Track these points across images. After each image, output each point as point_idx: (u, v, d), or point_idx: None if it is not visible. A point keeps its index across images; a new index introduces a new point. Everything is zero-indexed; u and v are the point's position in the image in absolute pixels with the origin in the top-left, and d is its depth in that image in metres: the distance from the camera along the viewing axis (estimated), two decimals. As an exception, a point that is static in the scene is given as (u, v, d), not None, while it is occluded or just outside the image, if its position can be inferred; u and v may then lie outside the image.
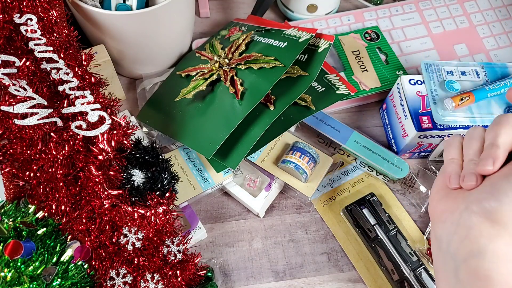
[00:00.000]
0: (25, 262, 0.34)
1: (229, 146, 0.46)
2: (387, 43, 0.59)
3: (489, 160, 0.32)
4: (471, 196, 0.32)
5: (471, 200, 0.31)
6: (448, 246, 0.32)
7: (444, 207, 0.34)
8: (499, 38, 0.61)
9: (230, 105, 0.47)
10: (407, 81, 0.49)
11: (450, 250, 0.32)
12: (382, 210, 0.48)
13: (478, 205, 0.31)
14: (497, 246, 0.30)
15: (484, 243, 0.30)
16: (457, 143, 0.36)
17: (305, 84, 0.47)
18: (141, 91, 0.56)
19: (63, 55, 0.43)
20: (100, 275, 0.37)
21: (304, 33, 0.49)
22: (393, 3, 0.65)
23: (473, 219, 0.31)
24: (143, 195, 0.39)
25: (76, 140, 0.39)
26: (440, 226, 0.34)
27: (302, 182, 0.48)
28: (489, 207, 0.30)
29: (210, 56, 0.53)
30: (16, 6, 0.44)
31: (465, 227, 0.31)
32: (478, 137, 0.34)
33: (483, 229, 0.30)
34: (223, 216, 0.49)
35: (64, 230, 0.38)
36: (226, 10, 0.66)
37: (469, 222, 0.31)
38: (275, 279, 0.46)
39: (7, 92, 0.39)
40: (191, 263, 0.40)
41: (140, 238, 0.38)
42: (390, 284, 0.45)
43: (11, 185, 0.39)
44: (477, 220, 0.31)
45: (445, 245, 0.33)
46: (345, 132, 0.52)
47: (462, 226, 0.31)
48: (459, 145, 0.36)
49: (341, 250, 0.48)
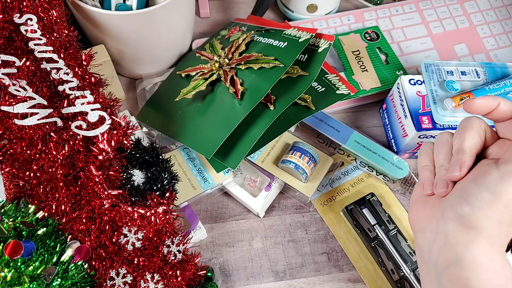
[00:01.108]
0: (25, 262, 0.34)
1: (229, 146, 0.46)
2: (387, 43, 0.59)
3: (457, 167, 0.32)
4: (445, 203, 0.32)
5: (445, 207, 0.32)
6: (430, 255, 0.32)
7: (422, 215, 0.34)
8: (499, 38, 0.61)
9: (230, 105, 0.47)
10: (407, 81, 0.49)
11: (431, 259, 0.32)
12: (382, 210, 0.48)
13: (452, 211, 0.31)
14: (474, 253, 0.30)
15: (461, 251, 0.30)
16: (428, 150, 0.36)
17: (305, 84, 0.47)
18: (141, 91, 0.56)
19: (63, 55, 0.43)
20: (100, 275, 0.37)
21: (304, 33, 0.49)
22: (393, 3, 0.65)
23: (449, 226, 0.31)
24: (143, 195, 0.39)
25: (76, 140, 0.39)
26: (420, 236, 0.34)
27: (302, 182, 0.48)
28: (462, 212, 0.30)
29: (210, 56, 0.53)
30: (16, 6, 0.44)
31: (443, 234, 0.31)
32: (446, 142, 0.35)
33: (458, 235, 0.30)
34: (223, 216, 0.49)
35: (64, 230, 0.38)
36: (226, 10, 0.66)
37: (446, 229, 0.31)
38: (275, 279, 0.46)
39: (7, 92, 0.39)
40: (191, 263, 0.40)
41: (140, 238, 0.38)
42: (390, 284, 0.45)
43: (11, 185, 0.39)
44: (453, 227, 0.31)
45: (427, 254, 0.33)
46: (345, 132, 0.52)
47: (440, 234, 0.32)
48: (430, 152, 0.36)
49: (341, 250, 0.48)
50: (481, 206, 0.29)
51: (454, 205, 0.31)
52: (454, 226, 0.31)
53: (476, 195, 0.30)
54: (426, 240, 0.33)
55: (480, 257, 0.30)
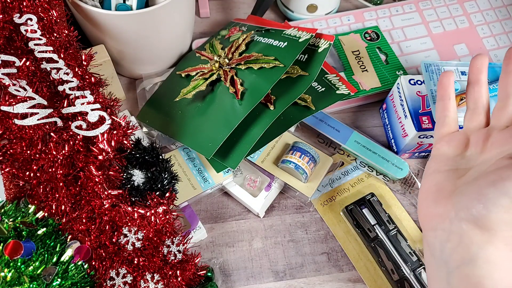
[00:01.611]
0: (25, 262, 0.34)
1: (229, 146, 0.46)
2: (387, 43, 0.59)
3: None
4: (460, 203, 0.31)
5: (460, 207, 0.31)
6: (441, 253, 0.32)
7: (433, 213, 0.34)
8: (499, 38, 0.61)
9: (230, 105, 0.47)
10: (407, 81, 0.49)
11: (443, 257, 0.32)
12: (382, 210, 0.48)
13: (467, 213, 0.31)
14: (488, 253, 0.30)
15: (475, 250, 0.30)
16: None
17: (305, 84, 0.47)
18: (141, 91, 0.56)
19: (63, 55, 0.43)
20: (100, 275, 0.37)
21: (304, 33, 0.49)
22: (393, 3, 0.65)
23: (463, 227, 0.31)
24: (143, 195, 0.39)
25: (76, 140, 0.39)
26: (431, 234, 0.33)
27: (302, 182, 0.48)
28: (477, 214, 0.30)
29: (210, 56, 0.53)
30: (16, 6, 0.44)
31: (457, 234, 0.31)
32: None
33: (473, 236, 0.30)
34: (223, 216, 0.49)
35: (64, 230, 0.38)
36: (226, 10, 0.66)
37: (460, 230, 0.31)
38: (275, 279, 0.46)
39: (7, 92, 0.39)
40: (191, 263, 0.40)
41: (140, 238, 0.39)
42: (390, 284, 0.45)
43: (11, 185, 0.39)
44: (467, 227, 0.30)
45: (438, 252, 0.32)
46: (345, 132, 0.52)
47: (454, 234, 0.31)
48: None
49: (341, 250, 0.48)
50: (498, 211, 0.29)
51: (469, 207, 0.30)
52: (468, 227, 0.30)
53: (494, 199, 0.29)
54: (438, 238, 0.33)
55: (495, 256, 0.30)
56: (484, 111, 0.37)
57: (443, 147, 0.37)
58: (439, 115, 0.39)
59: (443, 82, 0.39)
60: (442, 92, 0.39)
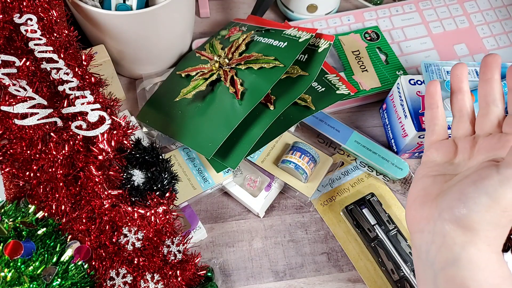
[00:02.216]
0: (25, 262, 0.34)
1: (229, 146, 0.46)
2: (387, 43, 0.59)
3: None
4: (443, 204, 0.32)
5: (443, 208, 0.32)
6: (427, 255, 0.32)
7: (420, 216, 0.34)
8: (499, 38, 0.61)
9: (230, 105, 0.47)
10: (407, 81, 0.49)
11: (429, 259, 0.32)
12: (382, 210, 0.48)
13: (450, 213, 0.31)
14: (471, 253, 0.30)
15: (458, 251, 0.30)
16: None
17: (305, 84, 0.47)
18: (141, 91, 0.56)
19: (63, 55, 0.43)
20: (100, 275, 0.37)
21: (304, 33, 0.49)
22: (393, 3, 0.65)
23: (446, 227, 0.31)
24: (143, 195, 0.39)
25: (76, 140, 0.39)
26: (418, 236, 0.34)
27: (302, 182, 0.48)
28: (459, 214, 0.30)
29: (210, 56, 0.53)
30: (16, 6, 0.44)
31: (440, 235, 0.31)
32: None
33: (455, 237, 0.31)
34: (223, 216, 0.49)
35: (64, 230, 0.38)
36: (226, 10, 0.66)
37: (443, 230, 0.31)
38: (275, 279, 0.46)
39: (7, 92, 0.39)
40: (191, 263, 0.40)
41: (140, 238, 0.38)
42: (390, 284, 0.45)
43: (11, 185, 0.39)
44: (450, 228, 0.31)
45: (424, 254, 0.33)
46: (345, 132, 0.52)
47: (437, 235, 0.32)
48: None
49: (341, 250, 0.48)
50: (479, 210, 0.29)
51: (452, 207, 0.31)
52: (451, 227, 0.31)
53: (474, 198, 0.29)
54: (424, 240, 0.33)
55: (477, 257, 0.30)
56: (469, 118, 0.38)
57: (432, 154, 0.38)
58: (428, 124, 0.40)
59: (430, 91, 0.40)
60: (430, 100, 0.40)
